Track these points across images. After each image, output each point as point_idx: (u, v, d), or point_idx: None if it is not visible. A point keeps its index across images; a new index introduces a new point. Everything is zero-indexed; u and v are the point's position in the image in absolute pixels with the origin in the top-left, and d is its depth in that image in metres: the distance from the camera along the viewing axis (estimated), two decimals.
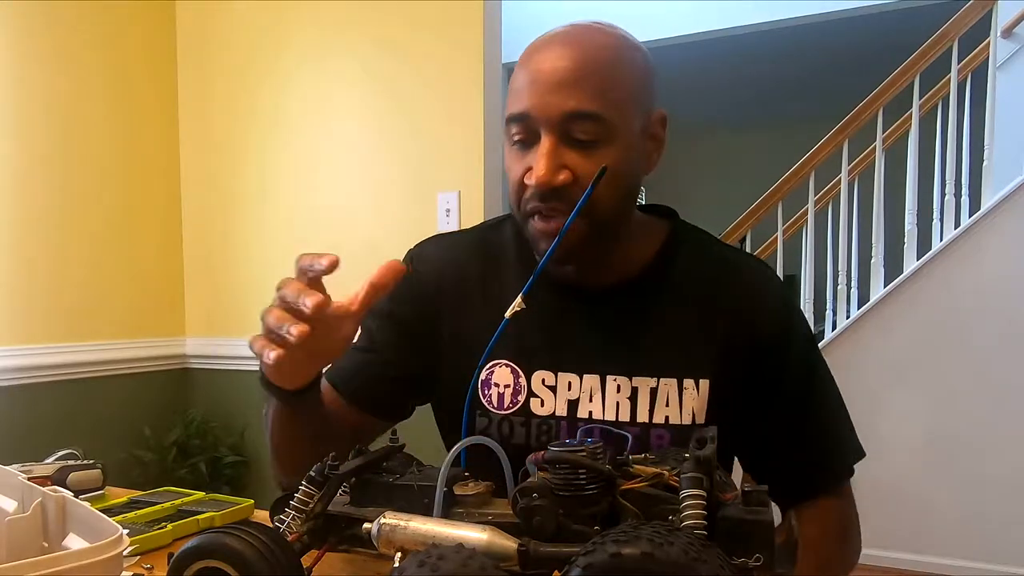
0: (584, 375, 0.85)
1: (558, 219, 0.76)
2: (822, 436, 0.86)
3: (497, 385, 0.86)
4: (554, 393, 0.85)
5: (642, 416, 0.82)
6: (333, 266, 0.64)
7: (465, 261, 0.92)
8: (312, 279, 0.66)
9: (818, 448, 0.86)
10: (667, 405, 0.82)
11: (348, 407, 0.90)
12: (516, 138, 0.79)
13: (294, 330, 0.62)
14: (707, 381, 0.82)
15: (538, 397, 0.85)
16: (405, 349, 0.92)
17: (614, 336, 0.85)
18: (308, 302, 0.62)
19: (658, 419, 0.82)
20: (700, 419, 0.82)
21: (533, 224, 0.79)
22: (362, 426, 0.91)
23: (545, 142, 0.75)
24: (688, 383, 0.82)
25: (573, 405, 0.85)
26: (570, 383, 0.85)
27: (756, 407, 0.84)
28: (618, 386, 0.83)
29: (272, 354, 0.64)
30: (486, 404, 0.87)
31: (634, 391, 0.83)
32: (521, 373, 0.86)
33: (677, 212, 0.92)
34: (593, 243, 0.79)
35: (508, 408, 0.86)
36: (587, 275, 0.85)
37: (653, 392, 0.82)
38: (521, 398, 0.86)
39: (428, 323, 0.91)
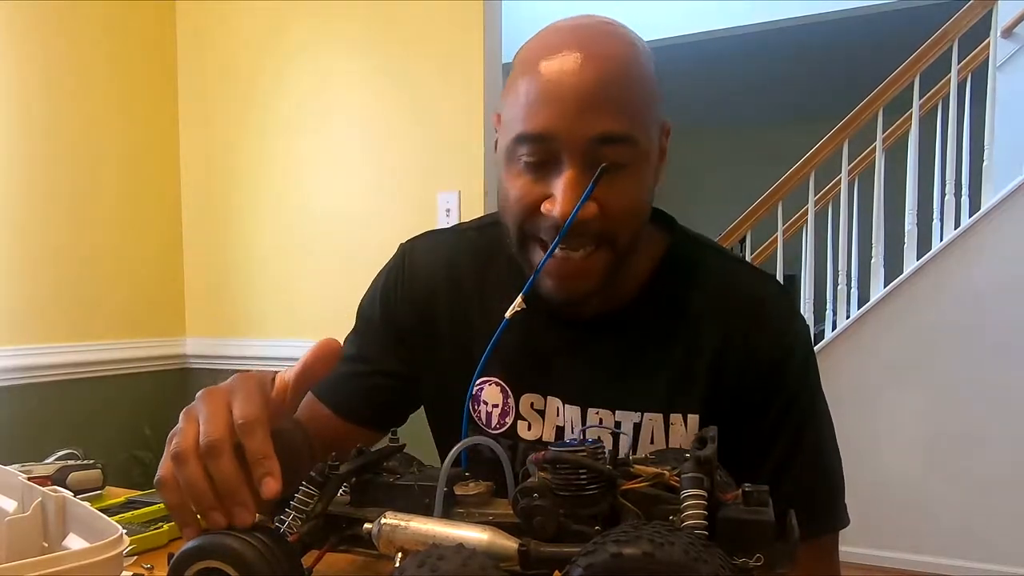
0: (566, 404, 0.80)
1: (577, 253, 0.69)
2: (793, 476, 0.76)
3: (486, 403, 0.82)
4: (542, 418, 0.81)
5: (624, 452, 0.77)
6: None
7: (462, 262, 0.86)
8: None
9: (784, 490, 0.73)
10: (651, 442, 0.77)
11: (340, 423, 0.86)
12: (527, 159, 0.69)
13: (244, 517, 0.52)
14: (696, 416, 0.76)
15: (526, 420, 0.81)
16: (397, 355, 0.87)
17: (599, 366, 0.80)
18: (267, 487, 0.52)
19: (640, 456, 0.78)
20: None
21: (539, 256, 0.71)
22: (351, 438, 0.83)
23: (570, 171, 0.67)
24: (675, 418, 0.77)
25: (560, 432, 0.81)
26: (557, 409, 0.81)
27: (743, 441, 0.75)
28: (600, 419, 0.79)
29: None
30: (476, 421, 0.83)
31: (617, 426, 0.78)
32: (509, 393, 0.81)
33: (675, 220, 0.84)
34: (613, 276, 0.73)
35: (496, 428, 0.82)
36: (582, 302, 0.77)
37: (636, 427, 0.77)
38: (509, 420, 0.82)
39: (423, 326, 0.86)
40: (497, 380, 0.82)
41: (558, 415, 0.80)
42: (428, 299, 0.86)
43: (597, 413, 0.79)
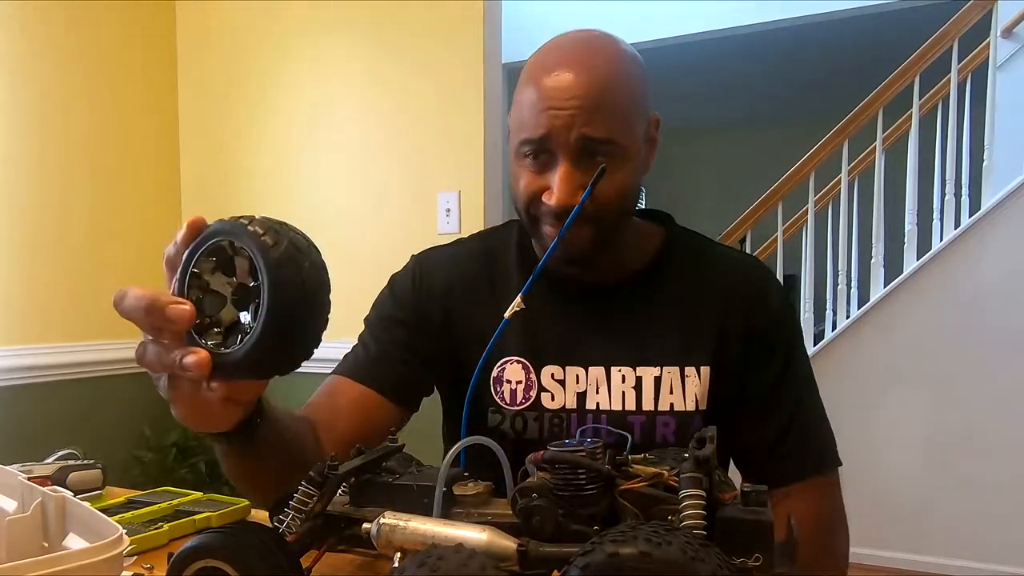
0: (590, 368, 0.88)
1: (571, 230, 0.80)
2: (800, 422, 0.88)
3: (509, 382, 0.89)
4: (563, 387, 0.89)
5: (647, 404, 0.86)
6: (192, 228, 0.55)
7: (471, 264, 0.96)
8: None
9: (795, 433, 0.87)
10: (671, 393, 0.86)
11: (365, 393, 0.88)
12: (530, 157, 0.82)
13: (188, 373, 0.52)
14: (707, 368, 0.87)
15: (548, 391, 0.89)
16: (416, 341, 0.92)
17: (617, 330, 0.89)
18: (189, 362, 0.51)
19: (663, 407, 0.86)
20: (703, 405, 0.86)
21: (545, 229, 0.83)
22: (373, 412, 0.87)
23: (563, 166, 0.79)
24: (689, 371, 0.87)
25: (582, 397, 0.88)
26: (578, 376, 0.88)
27: (744, 392, 0.88)
28: (623, 376, 0.87)
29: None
30: (499, 401, 0.89)
31: (639, 381, 0.87)
32: (532, 368, 0.89)
33: (672, 217, 0.97)
34: (597, 248, 0.83)
35: (521, 404, 0.89)
36: (590, 275, 0.89)
37: (657, 381, 0.86)
38: (533, 393, 0.89)
39: (441, 321, 0.93)
40: (518, 359, 0.90)
41: (578, 382, 0.89)
42: (446, 295, 0.94)
43: (620, 371, 0.88)
